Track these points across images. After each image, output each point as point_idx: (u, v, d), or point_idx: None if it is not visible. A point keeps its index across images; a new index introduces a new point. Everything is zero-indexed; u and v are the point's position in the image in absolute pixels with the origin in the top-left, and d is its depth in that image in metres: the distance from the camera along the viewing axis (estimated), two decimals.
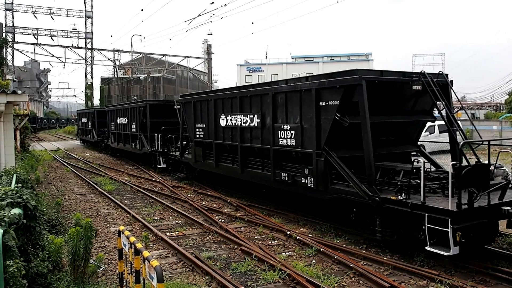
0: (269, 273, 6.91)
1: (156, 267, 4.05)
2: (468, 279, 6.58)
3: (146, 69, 48.60)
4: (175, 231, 9.82)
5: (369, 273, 6.70)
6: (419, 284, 6.56)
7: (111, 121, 24.58)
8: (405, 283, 6.57)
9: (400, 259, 7.58)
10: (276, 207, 11.67)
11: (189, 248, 8.44)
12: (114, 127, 25.07)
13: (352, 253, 7.90)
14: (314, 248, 8.07)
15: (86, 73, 50.05)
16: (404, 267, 7.07)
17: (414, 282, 6.64)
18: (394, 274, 6.96)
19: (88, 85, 50.40)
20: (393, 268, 7.15)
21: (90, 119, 33.12)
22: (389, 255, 7.88)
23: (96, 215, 11.54)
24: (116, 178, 17.61)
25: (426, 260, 7.50)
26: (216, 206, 12.34)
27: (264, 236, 9.30)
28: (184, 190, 14.97)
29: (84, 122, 35.81)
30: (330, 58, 74.08)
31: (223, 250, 8.36)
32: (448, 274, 6.82)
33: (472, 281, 6.50)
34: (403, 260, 7.51)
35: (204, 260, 7.53)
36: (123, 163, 23.95)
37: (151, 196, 13.71)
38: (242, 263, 7.49)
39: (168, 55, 45.78)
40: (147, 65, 48.22)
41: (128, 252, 5.31)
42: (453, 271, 7.00)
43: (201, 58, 50.47)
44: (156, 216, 11.31)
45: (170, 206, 12.17)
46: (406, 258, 7.64)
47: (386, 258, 7.63)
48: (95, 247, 8.55)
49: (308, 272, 6.94)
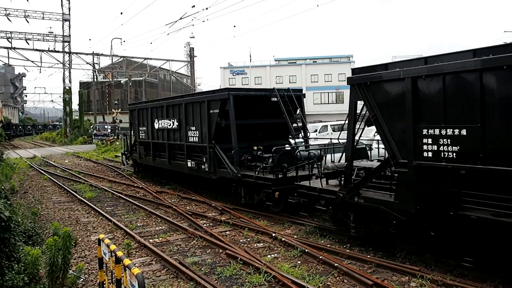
0: (254, 276, 6.88)
1: (137, 275, 3.98)
2: (447, 273, 6.70)
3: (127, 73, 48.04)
4: (158, 237, 9.70)
5: (353, 271, 6.75)
6: (401, 280, 6.64)
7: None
8: (388, 280, 6.64)
9: (383, 257, 7.66)
10: (261, 210, 11.65)
11: (173, 254, 8.34)
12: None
13: (337, 252, 7.94)
14: (299, 249, 8.08)
15: (64, 77, 49.07)
16: (387, 264, 7.15)
17: (397, 278, 6.72)
18: (377, 272, 7.02)
19: (67, 90, 49.42)
20: (377, 265, 7.21)
21: (189, 121, 15.28)
22: (372, 253, 7.95)
23: (76, 223, 11.30)
24: (97, 185, 17.29)
25: (408, 256, 7.60)
26: (201, 211, 12.25)
27: (249, 239, 9.27)
28: (167, 195, 14.82)
29: (163, 127, 16.37)
30: (312, 61, 74.50)
31: (208, 255, 8.29)
32: (429, 269, 6.93)
33: (451, 275, 6.61)
34: (386, 258, 7.59)
35: (189, 266, 7.45)
36: (104, 169, 23.54)
37: (133, 203, 13.51)
38: (227, 267, 7.44)
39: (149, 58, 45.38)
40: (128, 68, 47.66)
41: (108, 261, 5.21)
42: (433, 266, 7.11)
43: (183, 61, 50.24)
44: (138, 223, 11.14)
45: (153, 212, 12.02)
46: (388, 256, 7.72)
47: (370, 256, 7.70)
48: (75, 257, 8.37)
49: (294, 273, 6.94)
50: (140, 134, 18.26)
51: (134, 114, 19.03)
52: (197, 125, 13.39)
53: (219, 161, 12.41)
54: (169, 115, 15.30)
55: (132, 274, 4.03)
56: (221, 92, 12.42)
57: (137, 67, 49.10)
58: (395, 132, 7.18)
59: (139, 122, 18.30)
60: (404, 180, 7.03)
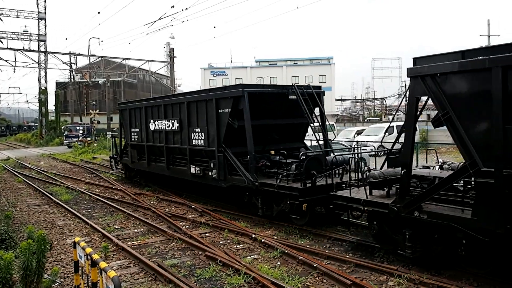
0: (234, 278, 6.85)
1: (113, 277, 3.90)
2: (424, 272, 6.82)
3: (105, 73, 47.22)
4: (137, 240, 9.55)
5: (332, 271, 6.80)
6: (379, 280, 6.73)
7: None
8: (366, 279, 6.72)
9: (361, 257, 7.75)
10: (241, 211, 11.62)
11: (152, 257, 8.23)
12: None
13: (316, 253, 7.99)
14: (279, 250, 8.09)
15: (39, 77, 47.84)
16: (365, 264, 7.23)
17: (375, 278, 6.81)
18: (356, 271, 7.10)
19: (42, 90, 48.20)
20: (355, 265, 7.29)
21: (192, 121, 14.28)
22: (351, 253, 8.04)
23: (51, 227, 11.02)
24: (74, 187, 16.92)
25: (386, 256, 7.71)
26: (180, 212, 12.14)
27: (229, 240, 9.23)
28: (146, 197, 14.62)
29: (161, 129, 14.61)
30: (293, 62, 74.97)
31: (187, 257, 8.22)
32: (406, 268, 7.04)
33: (428, 274, 6.74)
34: (364, 258, 7.68)
35: (168, 268, 7.36)
36: (81, 171, 23.06)
37: (111, 205, 13.28)
38: (206, 269, 7.39)
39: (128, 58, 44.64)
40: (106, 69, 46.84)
41: (84, 264, 5.09)
42: (410, 265, 7.23)
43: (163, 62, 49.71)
44: (116, 225, 10.95)
45: (132, 214, 11.84)
46: (367, 255, 7.81)
47: (349, 256, 7.77)
48: (50, 260, 8.16)
49: (273, 274, 6.95)
50: (132, 136, 16.56)
51: (125, 114, 17.22)
52: (202, 127, 11.93)
53: (231, 167, 10.95)
54: (168, 115, 13.72)
55: (108, 277, 3.96)
56: (234, 89, 10.85)
57: (116, 67, 48.33)
58: (475, 134, 5.98)
59: (131, 123, 16.56)
60: (489, 193, 5.78)
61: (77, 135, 42.78)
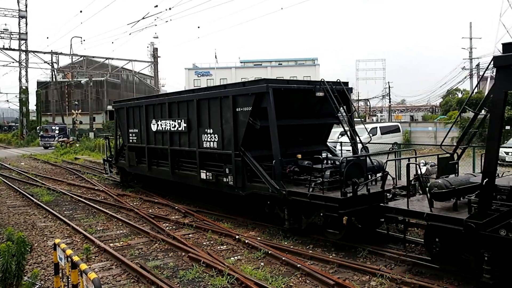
0: (217, 279, 6.84)
1: (94, 279, 3.86)
2: (406, 271, 6.93)
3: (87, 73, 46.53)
4: (119, 241, 9.45)
5: (316, 272, 6.85)
6: (362, 280, 6.81)
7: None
8: (349, 280, 6.78)
9: (344, 257, 7.82)
10: (225, 212, 11.61)
11: (134, 258, 8.15)
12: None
13: (300, 253, 8.03)
14: (263, 251, 8.11)
15: (20, 76, 46.86)
16: (348, 264, 7.31)
17: (358, 278, 6.88)
18: (339, 272, 7.16)
19: (23, 90, 47.23)
20: (338, 265, 7.35)
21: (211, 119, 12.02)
22: (334, 253, 8.11)
23: (32, 228, 10.81)
24: (55, 188, 16.63)
25: (369, 256, 7.81)
26: (164, 214, 12.05)
27: (212, 241, 9.21)
28: (129, 198, 14.47)
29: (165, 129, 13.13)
30: (278, 63, 75.27)
31: (170, 258, 8.17)
32: (388, 268, 7.14)
33: (410, 273, 6.85)
34: (347, 258, 7.76)
35: (150, 270, 7.31)
36: (62, 172, 22.67)
37: (93, 206, 13.10)
38: (190, 270, 7.36)
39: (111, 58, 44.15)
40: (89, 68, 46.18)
41: (64, 266, 5.02)
42: (393, 265, 7.34)
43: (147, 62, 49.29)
44: (99, 227, 10.81)
45: (114, 216, 11.70)
46: (350, 256, 7.89)
47: (332, 256, 7.84)
48: (30, 262, 8.02)
49: (257, 275, 6.96)
50: (130, 137, 15.12)
51: (121, 114, 15.81)
52: (215, 127, 10.69)
53: (250, 173, 9.74)
54: (173, 115, 12.41)
55: (89, 279, 3.91)
56: (256, 85, 9.58)
57: (98, 67, 47.68)
58: None
59: (129, 123, 15.13)
60: None
61: (53, 135, 41.28)
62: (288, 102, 9.98)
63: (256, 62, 78.09)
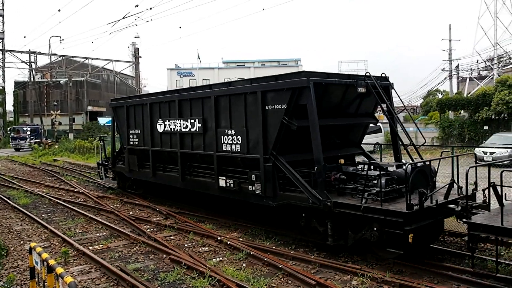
0: (198, 281, 6.78)
1: (70, 283, 3.77)
2: (386, 270, 7.00)
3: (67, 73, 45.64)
4: (99, 244, 9.28)
5: (297, 272, 6.86)
6: (343, 279, 6.85)
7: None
8: (330, 279, 6.82)
9: (326, 257, 7.86)
10: (207, 213, 11.53)
11: (114, 261, 8.01)
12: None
13: (282, 254, 8.03)
14: (245, 252, 8.08)
15: None
16: (330, 264, 7.34)
17: (339, 277, 6.92)
18: (321, 272, 7.19)
19: (0, 90, 46.06)
20: (320, 265, 7.38)
21: None
22: (316, 253, 8.14)
23: (8, 232, 10.51)
24: (33, 190, 16.23)
25: (350, 256, 7.86)
26: (145, 215, 11.90)
27: (194, 243, 9.13)
28: (109, 200, 14.23)
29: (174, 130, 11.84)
30: (261, 64, 75.40)
31: (151, 261, 8.06)
32: (369, 268, 7.21)
33: (390, 273, 6.92)
34: (329, 258, 7.80)
35: (130, 273, 7.19)
36: (41, 174, 22.16)
37: (72, 209, 12.84)
38: (171, 272, 7.27)
39: (91, 58, 43.42)
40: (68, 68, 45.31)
41: (40, 270, 4.89)
42: (374, 264, 7.40)
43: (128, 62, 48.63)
44: (78, 230, 10.60)
45: (94, 218, 11.49)
46: (332, 256, 7.93)
47: (314, 256, 7.87)
48: (6, 267, 7.80)
49: (238, 276, 6.93)
50: (130, 139, 13.72)
51: (120, 113, 14.39)
52: (238, 128, 9.42)
53: (284, 180, 8.54)
54: (185, 114, 11.12)
55: (65, 283, 3.81)
56: (293, 78, 8.29)
57: (78, 67, 46.85)
58: None
59: (130, 123, 13.74)
60: None
61: (25, 136, 39.65)
62: (326, 99, 8.62)
63: (239, 63, 78.09)
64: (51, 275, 4.38)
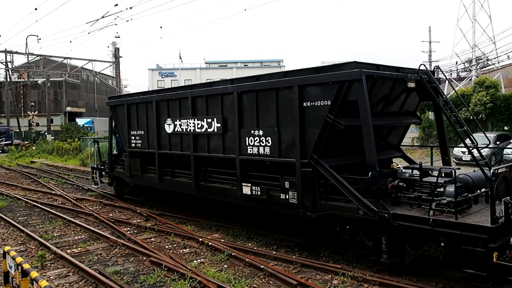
0: (179, 283, 6.71)
1: (45, 287, 3.67)
2: (367, 269, 7.08)
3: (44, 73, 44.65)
4: (77, 247, 9.09)
5: (279, 272, 6.86)
6: (324, 279, 6.89)
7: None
8: (312, 279, 6.85)
9: (308, 257, 7.89)
10: (188, 215, 11.44)
11: (93, 264, 7.87)
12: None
13: (263, 254, 8.03)
14: (226, 253, 8.04)
15: None
16: (311, 264, 7.37)
17: (320, 277, 6.96)
18: (302, 272, 7.21)
19: None
20: (301, 265, 7.41)
21: None
22: (297, 253, 8.16)
23: None
24: (8, 193, 15.80)
25: (331, 255, 7.91)
26: (125, 218, 11.73)
27: (175, 245, 9.05)
28: (89, 203, 13.98)
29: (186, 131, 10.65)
30: (243, 64, 75.45)
31: (130, 263, 7.94)
32: (350, 267, 7.27)
33: (371, 271, 7.00)
34: (310, 258, 7.83)
35: (109, 276, 7.08)
36: (17, 176, 21.59)
37: (50, 211, 12.55)
38: (151, 274, 7.18)
39: (70, 58, 42.55)
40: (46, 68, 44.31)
41: (15, 275, 4.75)
42: (354, 263, 7.47)
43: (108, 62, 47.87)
44: (55, 233, 10.37)
45: (73, 221, 11.25)
46: (313, 255, 7.97)
47: (295, 256, 7.89)
48: None
49: (220, 278, 6.89)
50: (132, 141, 12.58)
51: (119, 112, 13.19)
52: (268, 128, 8.35)
53: (326, 187, 7.50)
54: (200, 112, 10.00)
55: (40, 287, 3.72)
56: (341, 70, 7.22)
57: (56, 67, 45.88)
58: None
59: (131, 123, 12.59)
60: None
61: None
62: (373, 95, 7.46)
63: (221, 63, 78.01)
64: (26, 280, 4.27)
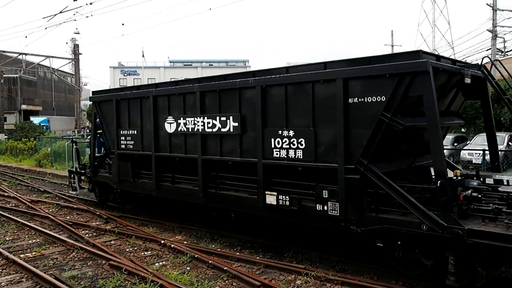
0: (140, 286, 6.53)
1: None
2: (330, 269, 7.17)
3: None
4: (31, 251, 8.67)
5: (242, 274, 6.83)
6: (287, 279, 6.92)
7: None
8: (275, 280, 6.86)
9: (271, 257, 7.90)
10: (150, 216, 11.18)
11: (48, 269, 7.52)
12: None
13: (227, 256, 7.97)
14: (189, 255, 7.92)
15: None
16: (274, 265, 7.39)
17: (284, 277, 6.99)
18: (265, 272, 7.21)
19: None
20: (265, 266, 7.40)
21: None
22: (261, 254, 8.16)
23: None
24: None
25: (295, 255, 7.96)
26: (83, 220, 11.31)
27: (136, 247, 8.82)
28: (45, 205, 13.38)
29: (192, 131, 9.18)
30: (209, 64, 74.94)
31: (89, 267, 7.65)
32: (313, 267, 7.34)
33: (334, 271, 7.10)
34: (274, 258, 7.85)
35: (66, 281, 6.78)
36: None
37: (2, 214, 11.88)
38: (110, 279, 6.95)
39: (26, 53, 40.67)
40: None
41: None
42: (318, 263, 7.55)
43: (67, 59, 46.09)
44: (7, 237, 9.84)
45: (27, 224, 10.71)
46: (277, 256, 7.99)
47: (259, 257, 7.88)
48: None
49: (182, 280, 6.77)
50: (122, 141, 11.04)
51: (105, 109, 11.62)
52: (301, 128, 7.19)
53: (378, 198, 6.43)
54: (210, 109, 8.69)
55: None
56: (401, 60, 6.13)
57: (11, 63, 43.66)
58: None
59: (121, 121, 11.08)
60: None
61: None
62: None
63: (186, 62, 77.08)
64: None
